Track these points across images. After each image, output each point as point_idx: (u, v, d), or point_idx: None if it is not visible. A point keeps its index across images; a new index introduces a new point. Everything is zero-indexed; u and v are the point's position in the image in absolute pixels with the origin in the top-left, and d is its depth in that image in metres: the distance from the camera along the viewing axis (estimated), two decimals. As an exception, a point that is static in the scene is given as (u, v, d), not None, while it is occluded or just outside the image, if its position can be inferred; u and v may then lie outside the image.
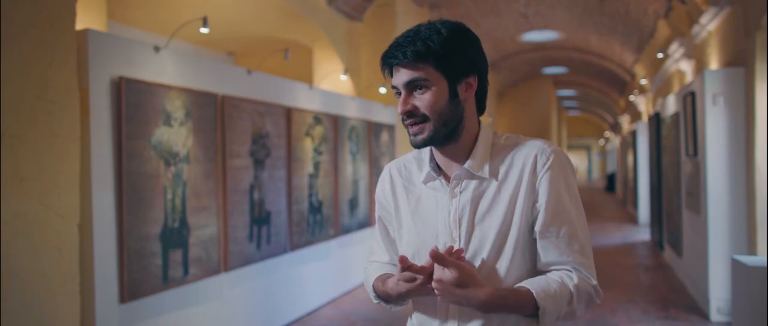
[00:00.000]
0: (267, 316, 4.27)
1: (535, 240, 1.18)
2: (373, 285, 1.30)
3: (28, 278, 2.50)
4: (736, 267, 3.58)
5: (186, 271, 3.39)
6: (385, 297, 1.26)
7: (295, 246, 4.57)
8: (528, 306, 1.10)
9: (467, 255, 1.18)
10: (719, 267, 4.40)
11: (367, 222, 5.96)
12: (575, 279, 1.14)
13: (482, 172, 1.19)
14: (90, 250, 2.81)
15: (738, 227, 4.34)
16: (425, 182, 1.26)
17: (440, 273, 1.09)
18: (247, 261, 3.98)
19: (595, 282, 1.16)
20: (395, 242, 1.35)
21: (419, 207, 1.26)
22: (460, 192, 1.20)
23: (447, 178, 1.23)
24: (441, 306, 1.21)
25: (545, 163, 1.16)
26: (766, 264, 3.23)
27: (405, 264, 1.14)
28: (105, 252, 2.87)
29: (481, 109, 1.24)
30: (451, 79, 1.15)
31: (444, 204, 1.22)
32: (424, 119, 1.15)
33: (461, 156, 1.21)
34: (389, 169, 1.35)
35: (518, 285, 1.14)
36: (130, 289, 2.99)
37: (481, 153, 1.20)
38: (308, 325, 4.55)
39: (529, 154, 1.18)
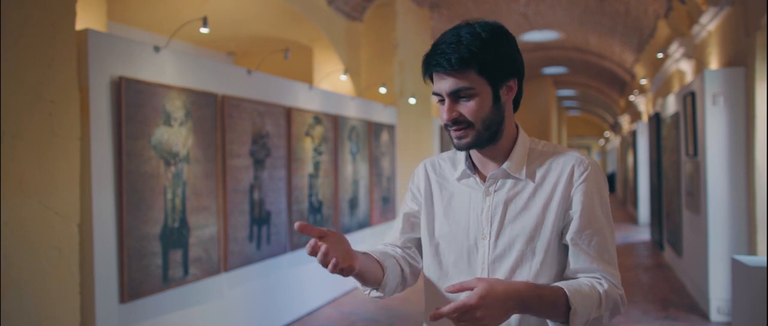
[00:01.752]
0: (267, 316, 4.27)
1: (564, 246, 1.19)
2: None
3: (28, 278, 2.50)
4: (736, 267, 3.58)
5: (186, 271, 3.39)
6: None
7: (295, 246, 4.57)
8: (561, 304, 1.09)
9: (496, 253, 1.19)
10: (719, 267, 4.40)
11: (367, 222, 5.96)
12: (605, 286, 1.15)
13: (519, 174, 1.21)
14: (90, 250, 2.81)
15: (738, 227, 4.34)
16: (459, 179, 1.28)
17: (464, 300, 1.02)
18: (247, 261, 3.98)
19: (621, 291, 1.18)
20: (414, 225, 1.37)
21: (452, 203, 1.28)
22: (495, 192, 1.22)
23: (482, 177, 1.25)
24: None
25: (582, 174, 1.18)
26: (766, 264, 3.23)
27: (301, 228, 1.11)
28: (105, 252, 2.87)
29: (515, 109, 1.27)
30: (493, 84, 1.16)
31: (477, 201, 1.23)
32: (469, 125, 1.16)
33: (498, 156, 1.23)
34: (424, 164, 1.38)
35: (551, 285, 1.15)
36: (130, 289, 2.99)
37: (519, 155, 1.23)
38: (308, 325, 4.55)
39: (566, 163, 1.20)
